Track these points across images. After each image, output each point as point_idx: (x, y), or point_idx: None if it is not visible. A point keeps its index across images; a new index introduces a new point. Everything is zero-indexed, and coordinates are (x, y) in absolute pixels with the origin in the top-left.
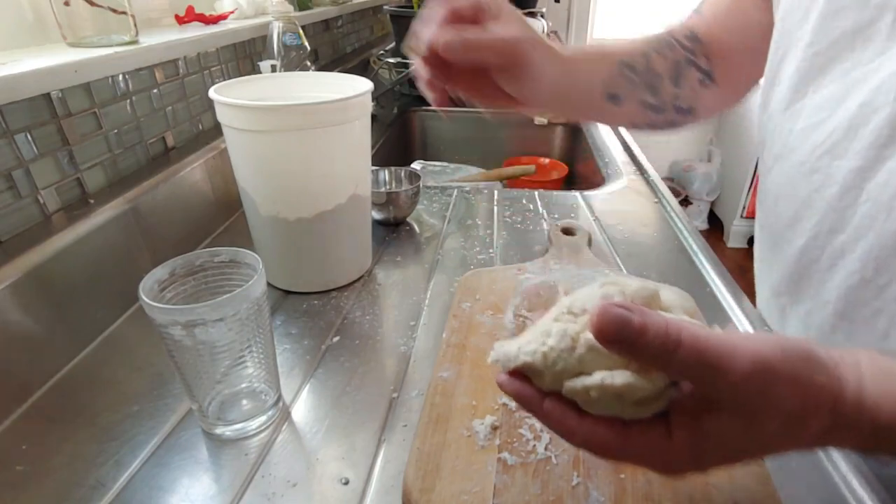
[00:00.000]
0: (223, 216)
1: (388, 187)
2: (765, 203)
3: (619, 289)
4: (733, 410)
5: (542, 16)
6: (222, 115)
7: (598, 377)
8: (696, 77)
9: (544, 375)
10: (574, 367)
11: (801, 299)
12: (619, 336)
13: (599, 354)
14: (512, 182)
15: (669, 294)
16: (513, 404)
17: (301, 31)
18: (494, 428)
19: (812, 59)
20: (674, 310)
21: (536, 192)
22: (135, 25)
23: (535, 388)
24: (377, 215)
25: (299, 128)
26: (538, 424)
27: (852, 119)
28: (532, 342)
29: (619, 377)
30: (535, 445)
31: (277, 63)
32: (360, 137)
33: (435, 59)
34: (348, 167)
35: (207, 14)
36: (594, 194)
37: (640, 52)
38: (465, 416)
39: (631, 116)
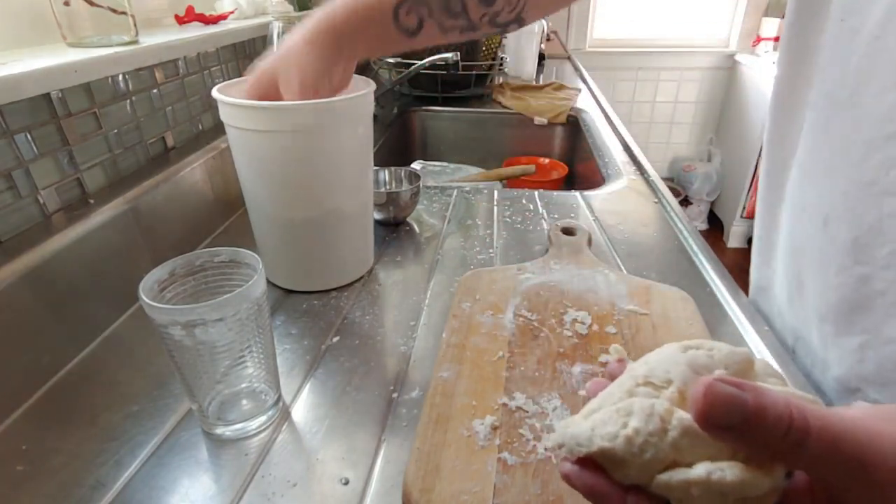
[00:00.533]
0: (223, 216)
1: (388, 187)
2: (802, 221)
3: (705, 353)
4: None
5: None
6: (225, 115)
7: (702, 470)
8: None
9: (628, 466)
10: (667, 456)
11: (853, 331)
12: (731, 421)
13: (698, 439)
14: (512, 182)
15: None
16: (513, 404)
17: None
18: (494, 428)
19: (876, 56)
20: (763, 377)
21: (536, 192)
22: (135, 25)
23: (612, 480)
24: (377, 215)
25: (303, 127)
26: (538, 424)
27: None
28: (608, 423)
29: (730, 472)
30: (535, 445)
31: None
32: (363, 137)
33: None
34: (351, 166)
35: (207, 14)
36: (594, 194)
37: None
38: (465, 416)
39: (437, 39)
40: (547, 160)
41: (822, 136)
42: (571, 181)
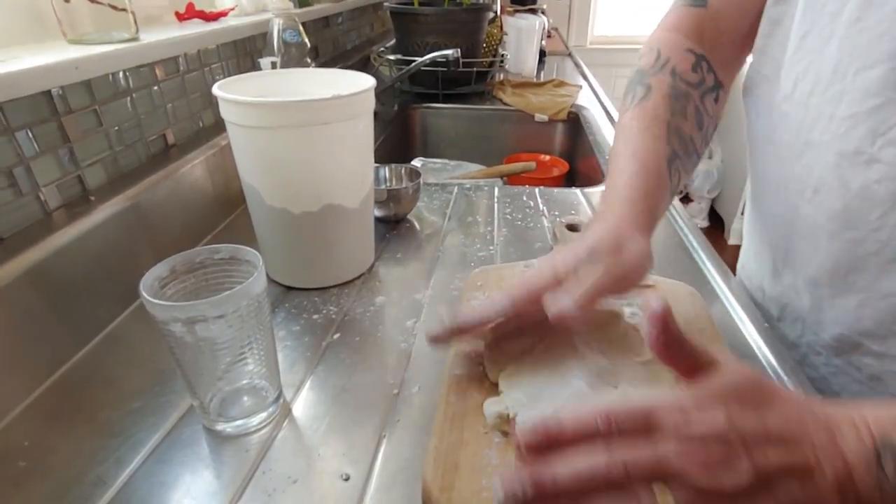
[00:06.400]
0: (224, 213)
1: (388, 184)
2: (789, 194)
3: None
4: None
5: (542, 12)
6: (226, 112)
7: None
8: (711, 99)
9: None
10: None
11: (851, 290)
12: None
13: None
14: (512, 179)
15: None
16: None
17: (301, 28)
18: None
19: (857, 37)
20: None
21: (537, 189)
22: (135, 22)
23: None
24: (378, 212)
25: (305, 124)
26: None
27: None
28: None
29: None
30: None
31: (278, 60)
32: (364, 133)
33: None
34: (352, 163)
35: (208, 11)
36: (595, 191)
37: (672, 131)
38: (481, 414)
39: (680, 185)
40: (548, 157)
41: (811, 112)
42: (572, 178)
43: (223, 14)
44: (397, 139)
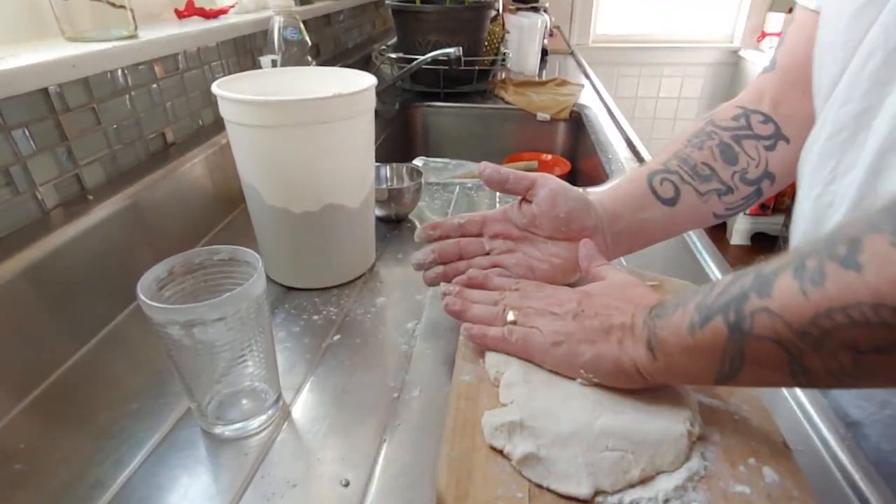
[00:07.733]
0: (224, 212)
1: (389, 184)
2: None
3: None
4: None
5: (544, 10)
6: (226, 111)
7: None
8: (759, 145)
9: None
10: None
11: None
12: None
13: None
14: None
15: None
16: None
17: (302, 26)
18: None
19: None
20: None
21: None
22: (134, 20)
23: None
24: (378, 212)
25: (305, 123)
26: None
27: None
28: None
29: None
30: None
31: (278, 58)
32: (364, 132)
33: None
34: (353, 162)
35: (208, 8)
36: (597, 191)
37: (674, 156)
38: None
39: (703, 209)
40: (549, 156)
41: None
42: (574, 178)
43: (223, 11)
44: (398, 138)
